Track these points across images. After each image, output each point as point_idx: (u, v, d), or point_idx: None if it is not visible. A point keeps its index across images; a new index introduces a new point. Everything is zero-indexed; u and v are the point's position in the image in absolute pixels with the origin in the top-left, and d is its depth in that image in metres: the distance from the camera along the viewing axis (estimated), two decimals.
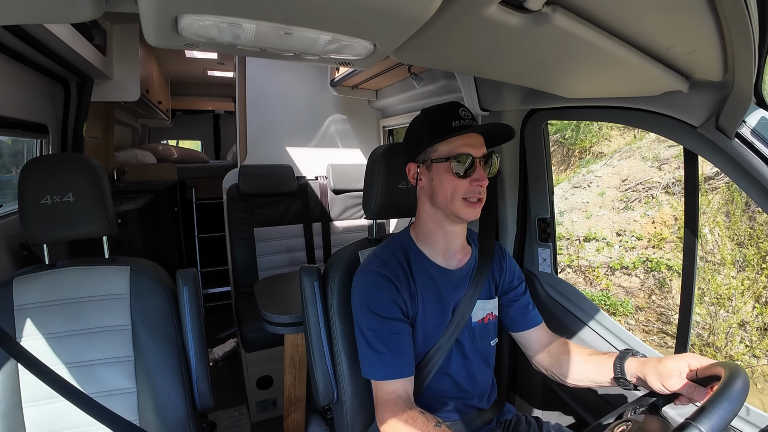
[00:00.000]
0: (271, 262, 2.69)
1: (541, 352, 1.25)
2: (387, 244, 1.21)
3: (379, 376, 1.07)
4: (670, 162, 4.89)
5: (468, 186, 1.06)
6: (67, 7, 0.71)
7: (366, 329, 1.09)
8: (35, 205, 1.20)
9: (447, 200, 1.08)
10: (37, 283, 1.22)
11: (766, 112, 0.97)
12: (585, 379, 1.14)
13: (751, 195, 1.02)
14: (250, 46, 0.86)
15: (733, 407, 0.70)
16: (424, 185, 1.13)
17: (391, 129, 3.16)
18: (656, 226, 4.65)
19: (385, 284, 1.10)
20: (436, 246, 1.18)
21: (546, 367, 1.23)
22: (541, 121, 1.65)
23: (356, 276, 1.16)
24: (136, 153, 4.51)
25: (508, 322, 1.28)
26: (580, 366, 1.14)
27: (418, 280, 1.14)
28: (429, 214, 1.15)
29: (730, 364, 0.82)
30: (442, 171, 1.07)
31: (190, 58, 4.40)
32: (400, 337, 1.08)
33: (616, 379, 1.05)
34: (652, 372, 0.96)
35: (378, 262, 1.14)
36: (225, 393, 2.62)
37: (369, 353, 1.08)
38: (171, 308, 1.28)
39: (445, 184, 1.07)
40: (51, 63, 1.96)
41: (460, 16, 0.75)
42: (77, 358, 1.20)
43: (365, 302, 1.10)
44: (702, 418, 0.67)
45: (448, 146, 1.07)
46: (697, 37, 0.80)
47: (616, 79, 1.10)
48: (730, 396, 0.71)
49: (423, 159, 1.11)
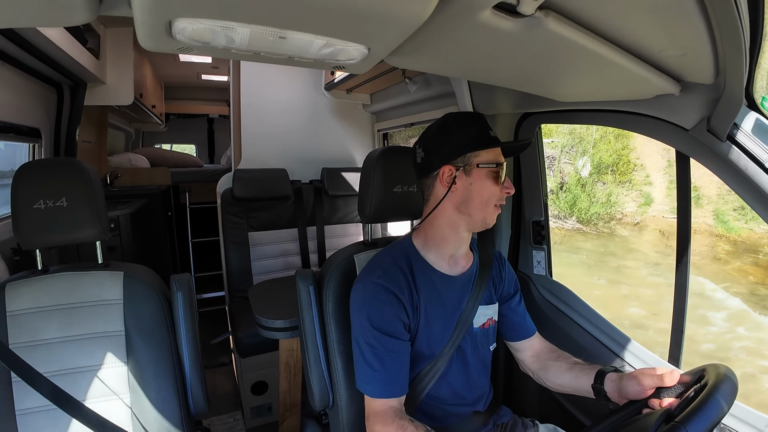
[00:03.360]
0: (266, 267, 2.67)
1: (530, 358, 1.28)
2: (389, 251, 1.19)
3: (372, 393, 1.06)
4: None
5: (500, 193, 1.10)
6: (60, 11, 0.70)
7: (363, 343, 1.07)
8: (28, 209, 1.18)
9: (483, 205, 1.10)
10: (29, 289, 1.20)
11: (757, 115, 0.98)
12: (568, 386, 1.16)
13: (742, 197, 1.03)
14: (244, 50, 0.86)
15: (720, 408, 0.71)
16: (458, 189, 1.11)
17: (386, 132, 3.16)
18: None
19: (386, 297, 1.08)
20: (443, 252, 1.17)
21: (533, 371, 1.26)
22: (535, 124, 1.66)
23: (356, 285, 1.15)
24: (129, 157, 4.49)
25: (504, 332, 1.29)
26: (565, 374, 1.16)
27: (421, 289, 1.13)
28: (449, 219, 1.14)
29: (718, 365, 0.82)
30: (484, 176, 1.09)
31: (184, 62, 4.40)
32: (396, 356, 1.07)
33: (594, 386, 1.06)
34: (630, 375, 0.97)
35: (380, 272, 1.12)
36: (220, 399, 2.60)
37: (364, 368, 1.07)
38: (165, 314, 1.27)
39: (485, 189, 1.09)
40: (44, 67, 1.95)
41: (454, 20, 0.75)
42: (70, 365, 1.19)
43: (365, 315, 1.08)
44: (690, 419, 0.68)
45: (490, 154, 1.10)
46: (689, 40, 0.81)
47: (609, 83, 1.11)
48: (717, 397, 0.72)
49: (463, 163, 1.11)
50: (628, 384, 0.96)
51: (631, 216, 12.12)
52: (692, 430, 0.67)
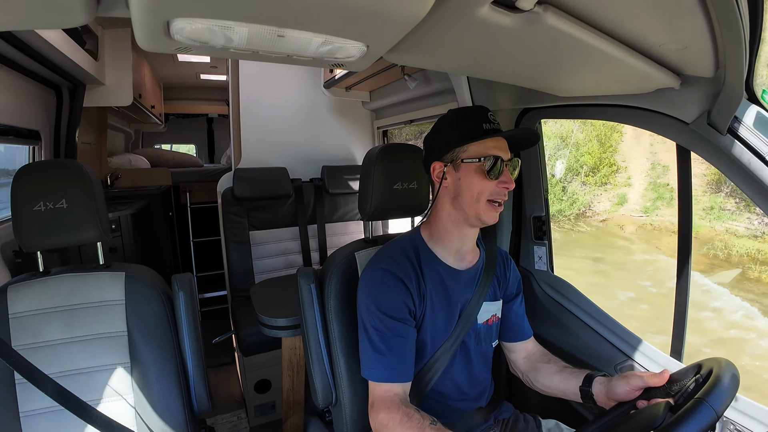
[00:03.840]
0: (267, 266, 2.68)
1: (521, 359, 1.28)
2: (397, 242, 1.20)
3: (378, 377, 1.06)
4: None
5: (495, 188, 1.08)
6: (58, 13, 0.70)
7: (370, 327, 1.08)
8: (28, 212, 1.18)
9: (473, 201, 1.09)
10: (31, 291, 1.20)
11: (757, 108, 0.97)
12: (555, 389, 1.17)
13: (743, 189, 1.03)
14: (242, 49, 0.86)
15: (732, 388, 0.73)
16: (449, 185, 1.13)
17: (386, 130, 3.16)
18: None
19: (394, 283, 1.10)
20: (449, 246, 1.18)
21: (523, 372, 1.27)
22: (535, 119, 1.66)
23: (364, 272, 1.16)
24: (129, 158, 4.49)
25: (501, 332, 1.29)
26: (554, 376, 1.17)
27: (428, 280, 1.14)
28: (449, 214, 1.15)
29: (717, 359, 0.83)
30: (472, 171, 1.08)
31: (182, 61, 4.39)
32: (404, 341, 1.08)
33: (581, 388, 1.07)
34: (618, 378, 0.98)
35: (388, 260, 1.13)
36: (223, 398, 2.61)
37: (371, 353, 1.08)
38: (167, 314, 1.28)
39: (474, 184, 1.08)
40: (43, 69, 1.95)
41: (453, 16, 0.75)
42: (74, 366, 1.19)
43: (373, 300, 1.09)
44: (711, 395, 0.70)
45: (479, 148, 1.09)
46: (689, 34, 0.81)
47: (608, 77, 1.10)
48: (727, 378, 0.74)
49: (451, 158, 1.11)
50: (617, 385, 0.97)
51: (601, 214, 13.08)
52: (714, 402, 0.69)
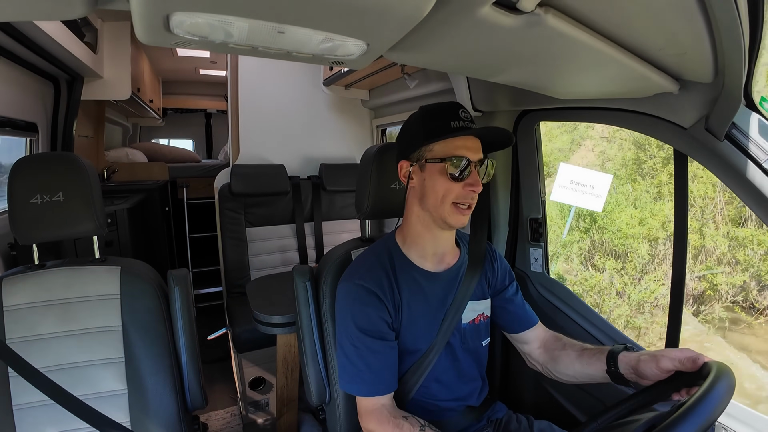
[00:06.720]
0: (264, 262, 2.67)
1: (536, 350, 1.23)
2: (373, 250, 1.18)
3: (359, 392, 1.06)
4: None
5: (461, 190, 1.03)
6: (58, 5, 0.70)
7: (347, 343, 1.07)
8: (24, 204, 1.18)
9: (437, 203, 1.05)
10: (26, 284, 1.20)
11: (755, 114, 0.98)
12: (581, 375, 1.11)
13: (740, 196, 1.03)
14: (242, 44, 0.85)
15: (713, 409, 0.70)
16: (416, 185, 1.10)
17: (384, 128, 3.15)
18: None
19: (368, 298, 1.07)
20: (424, 250, 1.15)
21: (542, 364, 1.21)
22: (534, 122, 1.66)
23: (340, 285, 1.13)
24: (126, 152, 4.47)
25: (505, 325, 1.27)
26: (575, 363, 1.12)
27: (403, 288, 1.11)
28: (418, 216, 1.12)
29: (720, 364, 0.82)
30: (436, 172, 1.04)
31: (181, 56, 4.38)
32: (382, 356, 1.06)
33: (609, 371, 1.01)
34: (648, 355, 0.93)
35: (362, 272, 1.11)
36: (217, 394, 2.61)
37: (348, 368, 1.07)
38: (162, 309, 1.27)
39: (438, 186, 1.04)
40: (41, 61, 1.94)
41: (454, 16, 0.75)
42: (67, 360, 1.19)
43: (349, 315, 1.08)
44: (707, 400, 0.69)
45: (445, 147, 1.04)
46: (688, 39, 0.81)
47: (607, 81, 1.10)
48: (712, 397, 0.71)
49: (417, 158, 1.08)
50: (645, 366, 0.92)
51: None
52: (709, 407, 0.68)
